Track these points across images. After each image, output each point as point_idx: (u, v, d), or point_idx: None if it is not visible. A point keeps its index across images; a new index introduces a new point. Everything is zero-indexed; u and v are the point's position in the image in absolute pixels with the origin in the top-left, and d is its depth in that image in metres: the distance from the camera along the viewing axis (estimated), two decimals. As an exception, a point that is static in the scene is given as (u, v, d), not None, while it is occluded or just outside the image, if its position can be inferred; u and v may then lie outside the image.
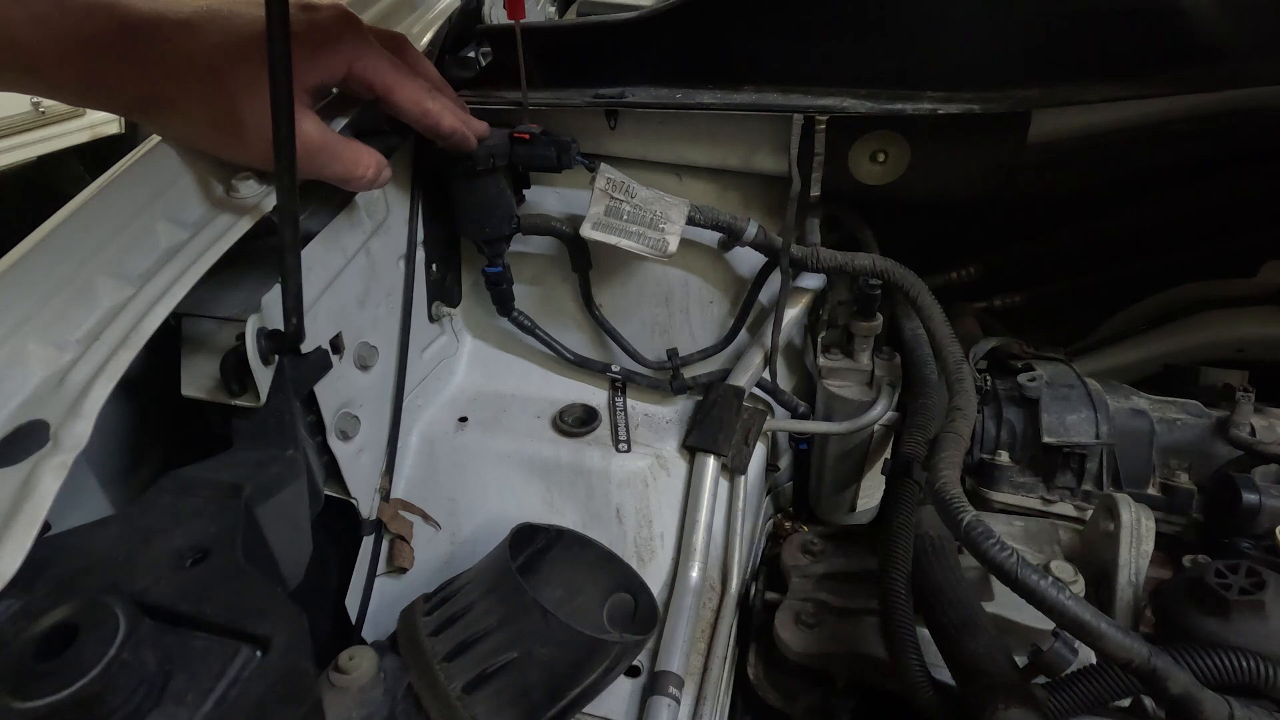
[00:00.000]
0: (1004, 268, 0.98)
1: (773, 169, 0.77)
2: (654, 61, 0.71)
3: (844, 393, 0.85)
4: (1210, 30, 0.58)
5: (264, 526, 0.52)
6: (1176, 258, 0.98)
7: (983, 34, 0.63)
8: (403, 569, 0.80)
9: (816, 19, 0.66)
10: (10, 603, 0.38)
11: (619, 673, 0.68)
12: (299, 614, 0.41)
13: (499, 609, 0.60)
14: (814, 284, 0.87)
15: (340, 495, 0.73)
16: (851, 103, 0.68)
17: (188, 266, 0.52)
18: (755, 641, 0.79)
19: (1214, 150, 0.81)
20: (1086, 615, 0.46)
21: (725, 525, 0.83)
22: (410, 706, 0.56)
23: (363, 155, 0.60)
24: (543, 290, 0.91)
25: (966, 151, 0.74)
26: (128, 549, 0.45)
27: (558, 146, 0.72)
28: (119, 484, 0.59)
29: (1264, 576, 0.54)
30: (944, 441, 0.63)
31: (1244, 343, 0.98)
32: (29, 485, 0.40)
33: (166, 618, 0.40)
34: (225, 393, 0.57)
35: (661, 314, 0.90)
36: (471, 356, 0.97)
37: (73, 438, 0.42)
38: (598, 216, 0.74)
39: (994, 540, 0.50)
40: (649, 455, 0.85)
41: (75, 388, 0.45)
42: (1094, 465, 0.75)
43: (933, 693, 0.58)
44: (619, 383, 0.92)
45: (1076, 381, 0.78)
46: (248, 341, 0.55)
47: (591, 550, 0.73)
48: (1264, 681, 0.49)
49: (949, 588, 0.59)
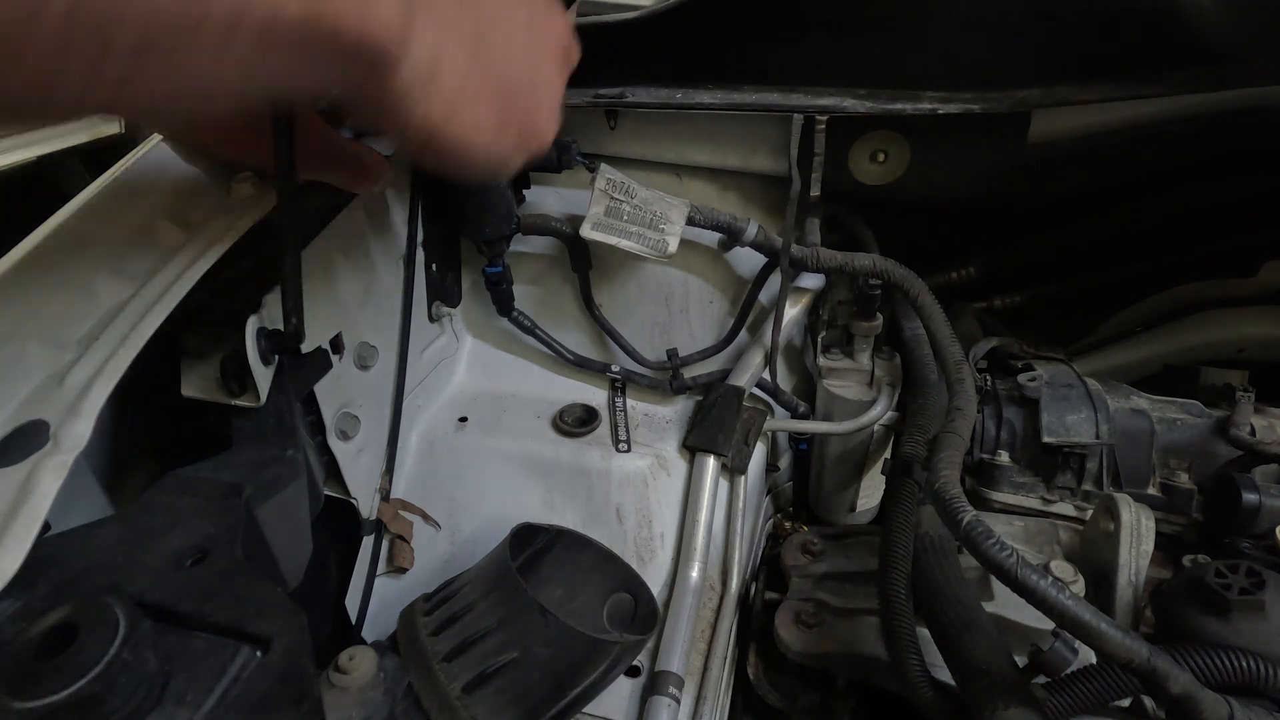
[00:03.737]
0: (1004, 268, 0.98)
1: (773, 169, 0.77)
2: (654, 61, 0.71)
3: (844, 393, 0.85)
4: (1210, 30, 0.58)
5: (264, 526, 0.52)
6: (1176, 258, 0.98)
7: (983, 34, 0.63)
8: (403, 569, 0.80)
9: (817, 19, 0.66)
10: (10, 603, 0.39)
11: (619, 673, 0.68)
12: (299, 614, 0.41)
13: (499, 609, 0.60)
14: (814, 284, 0.87)
15: (340, 495, 0.73)
16: (851, 103, 0.68)
17: (188, 266, 0.52)
18: (755, 641, 0.79)
19: (1214, 150, 0.81)
20: (1086, 615, 0.46)
21: (725, 525, 0.83)
22: (410, 706, 0.56)
23: (364, 156, 0.60)
24: (543, 290, 0.91)
25: (966, 151, 0.74)
26: (128, 549, 0.45)
27: (558, 146, 0.72)
28: (119, 484, 0.59)
29: (1264, 576, 0.54)
30: (944, 441, 0.63)
31: (1244, 343, 0.98)
32: (29, 485, 0.40)
33: (166, 618, 0.40)
34: (225, 393, 0.57)
35: (661, 314, 0.90)
36: (471, 356, 0.97)
37: (73, 438, 0.42)
38: (598, 217, 0.74)
39: (994, 540, 0.50)
40: (649, 455, 0.85)
41: (75, 388, 0.45)
42: (1094, 465, 0.75)
43: (933, 693, 0.58)
44: (619, 383, 0.92)
45: (1076, 381, 0.78)
46: (248, 341, 0.55)
47: (591, 550, 0.73)
48: (1264, 681, 0.49)
49: (949, 588, 0.59)
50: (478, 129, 0.39)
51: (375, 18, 0.31)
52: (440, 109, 0.36)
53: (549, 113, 0.44)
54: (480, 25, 0.38)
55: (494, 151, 0.41)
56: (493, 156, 0.41)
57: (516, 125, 0.41)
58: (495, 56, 0.39)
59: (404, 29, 0.32)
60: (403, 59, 0.33)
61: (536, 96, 0.43)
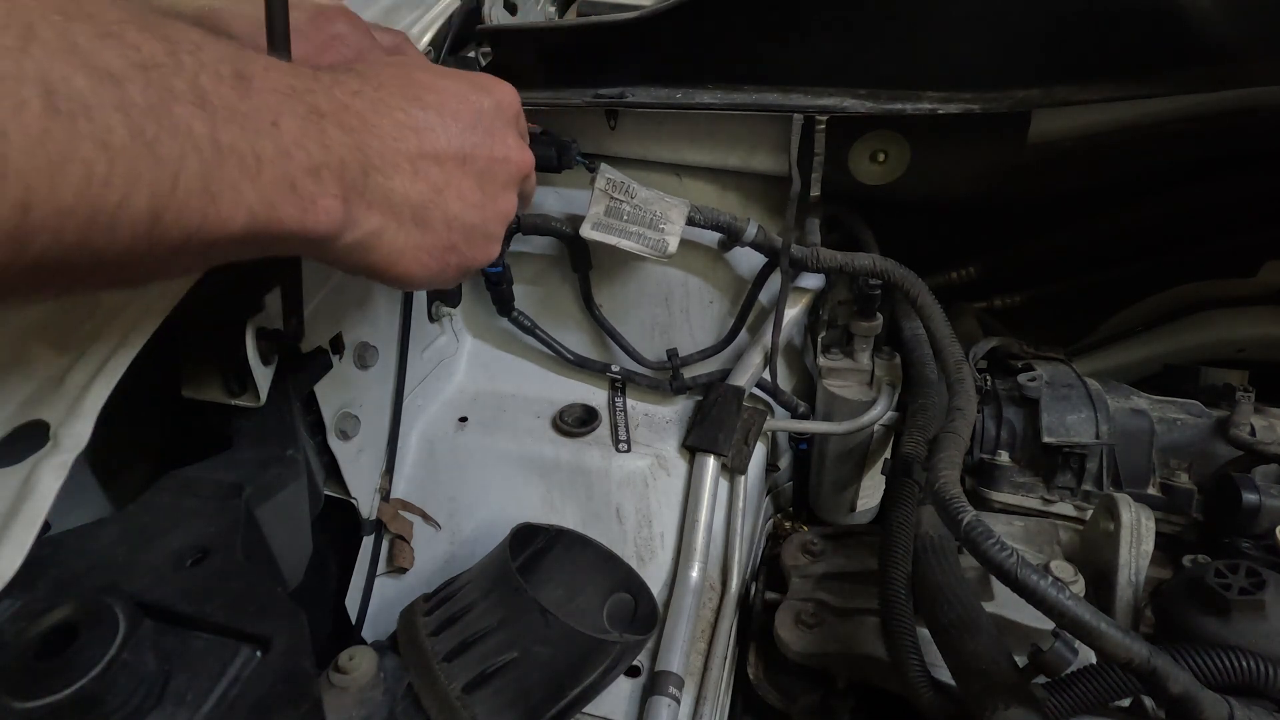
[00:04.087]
0: (1004, 268, 0.98)
1: (773, 169, 0.77)
2: (654, 61, 0.71)
3: (844, 393, 0.85)
4: (1210, 30, 0.58)
5: (264, 526, 0.52)
6: (1176, 258, 0.98)
7: (983, 34, 0.63)
8: (403, 569, 0.80)
9: (817, 19, 0.66)
10: (10, 603, 0.39)
11: (619, 673, 0.68)
12: (299, 614, 0.41)
13: (499, 609, 0.60)
14: (814, 284, 0.87)
15: (340, 495, 0.73)
16: (851, 103, 0.68)
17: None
18: (755, 641, 0.79)
19: (1214, 150, 0.81)
20: (1086, 615, 0.46)
21: (725, 525, 0.83)
22: (410, 706, 0.56)
23: None
24: (543, 290, 0.91)
25: (966, 151, 0.74)
26: (128, 549, 0.45)
27: (558, 146, 0.72)
28: (119, 484, 0.59)
29: (1264, 576, 0.54)
30: (944, 441, 0.63)
31: (1244, 343, 0.98)
32: (29, 485, 0.40)
33: (166, 618, 0.40)
34: (225, 393, 0.57)
35: (661, 314, 0.90)
36: (471, 356, 0.97)
37: (73, 438, 0.42)
38: (598, 217, 0.74)
39: (994, 540, 0.49)
40: (649, 455, 0.85)
41: (75, 388, 0.45)
42: (1094, 465, 0.75)
43: (933, 693, 0.58)
44: (619, 383, 0.92)
45: (1076, 381, 0.78)
46: (248, 341, 0.55)
47: (591, 550, 0.73)
48: (1264, 681, 0.49)
49: (949, 588, 0.59)
50: (417, 271, 0.43)
51: (313, 217, 0.35)
52: (380, 261, 0.41)
53: (495, 242, 0.49)
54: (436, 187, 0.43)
55: (432, 282, 0.46)
56: (430, 284, 0.46)
57: (457, 262, 0.46)
58: (447, 211, 0.44)
59: (343, 221, 0.37)
60: (341, 237, 0.38)
61: (482, 234, 0.47)
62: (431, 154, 0.42)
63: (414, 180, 0.41)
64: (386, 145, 0.40)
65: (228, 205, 0.31)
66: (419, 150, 0.42)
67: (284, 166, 0.33)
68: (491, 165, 0.47)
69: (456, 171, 0.44)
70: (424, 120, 0.42)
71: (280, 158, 0.33)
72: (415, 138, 0.42)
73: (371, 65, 0.44)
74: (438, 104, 0.44)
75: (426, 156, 0.42)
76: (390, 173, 0.40)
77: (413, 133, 0.41)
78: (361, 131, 0.38)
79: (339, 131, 0.37)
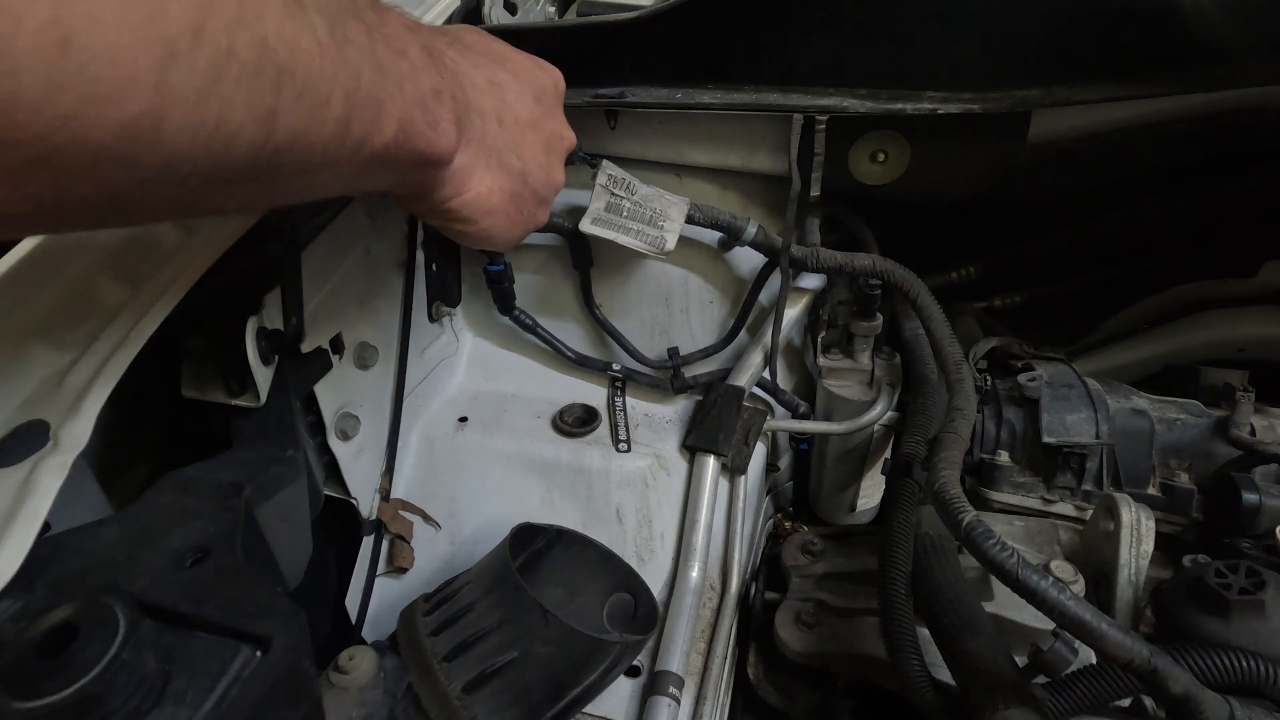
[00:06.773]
0: (1004, 268, 0.98)
1: (773, 169, 0.77)
2: (654, 61, 0.71)
3: (844, 393, 0.85)
4: (1210, 30, 0.58)
5: (264, 526, 0.52)
6: (1176, 258, 0.98)
7: (983, 34, 0.63)
8: (403, 569, 0.80)
9: (817, 19, 0.66)
10: (10, 603, 0.39)
11: (619, 673, 0.68)
12: (299, 614, 0.41)
13: (499, 609, 0.60)
14: (814, 284, 0.87)
15: (340, 495, 0.73)
16: (851, 103, 0.68)
17: (187, 267, 0.52)
18: (755, 641, 0.79)
19: (1214, 150, 0.81)
20: (1086, 615, 0.46)
21: (725, 525, 0.83)
22: (410, 706, 0.56)
23: None
24: (543, 289, 0.91)
25: (966, 151, 0.74)
26: (128, 549, 0.45)
27: (558, 146, 0.72)
28: (119, 484, 0.59)
29: (1264, 576, 0.54)
30: (944, 441, 0.63)
31: (1244, 343, 0.98)
32: (29, 485, 0.40)
33: (166, 618, 0.40)
34: (225, 393, 0.57)
35: (662, 313, 0.90)
36: (472, 356, 0.97)
37: (73, 438, 0.42)
38: (598, 212, 0.74)
39: (994, 540, 0.49)
40: (649, 455, 0.85)
41: (75, 388, 0.45)
42: (1094, 465, 0.75)
43: (933, 693, 0.58)
44: (619, 382, 0.92)
45: (1076, 381, 0.78)
46: (248, 341, 0.55)
47: (591, 550, 0.73)
48: (1264, 681, 0.49)
49: (949, 588, 0.59)
50: (500, 217, 0.48)
51: (437, 137, 0.39)
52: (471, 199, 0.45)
53: (547, 208, 0.54)
54: (514, 140, 0.48)
55: (507, 231, 0.50)
56: (500, 241, 0.50)
57: (524, 218, 0.51)
58: (526, 164, 0.49)
59: (455, 146, 0.42)
60: (451, 164, 0.43)
61: (543, 195, 0.52)
62: (512, 112, 0.48)
63: (500, 129, 0.46)
64: (479, 93, 0.45)
65: (386, 115, 0.34)
66: (503, 105, 0.47)
67: (417, 86, 0.37)
68: (552, 136, 0.52)
69: (530, 133, 0.49)
70: (506, 81, 0.48)
71: (414, 77, 0.37)
72: (499, 94, 0.47)
73: (455, 29, 0.49)
74: (514, 71, 0.49)
75: (509, 112, 0.47)
76: (484, 116, 0.45)
77: (498, 89, 0.47)
78: (460, 76, 0.43)
79: (445, 70, 0.41)
